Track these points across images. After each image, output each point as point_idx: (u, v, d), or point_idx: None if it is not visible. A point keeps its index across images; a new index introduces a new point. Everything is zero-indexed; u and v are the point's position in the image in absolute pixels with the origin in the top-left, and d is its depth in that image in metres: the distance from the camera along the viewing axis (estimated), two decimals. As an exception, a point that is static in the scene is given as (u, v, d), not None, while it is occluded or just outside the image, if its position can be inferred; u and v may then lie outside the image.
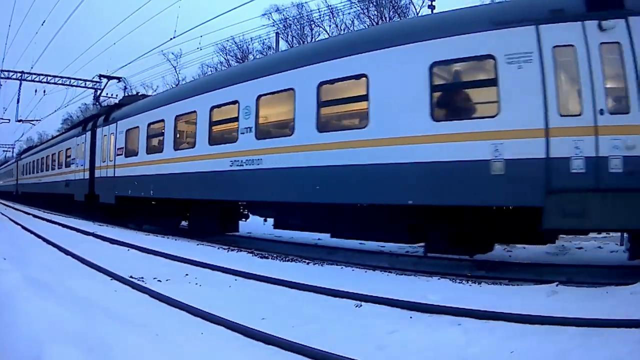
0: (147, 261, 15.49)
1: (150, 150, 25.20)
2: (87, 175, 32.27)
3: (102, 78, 45.97)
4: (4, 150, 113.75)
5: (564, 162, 11.55)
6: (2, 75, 53.93)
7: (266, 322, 8.39)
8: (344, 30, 60.90)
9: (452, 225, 14.17)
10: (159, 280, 12.17)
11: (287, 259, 16.59)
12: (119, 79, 51.18)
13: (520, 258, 17.32)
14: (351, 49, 15.74)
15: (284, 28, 61.42)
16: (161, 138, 24.29)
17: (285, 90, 17.42)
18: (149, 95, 33.38)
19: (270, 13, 60.85)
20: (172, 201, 23.63)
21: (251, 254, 17.43)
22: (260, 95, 18.36)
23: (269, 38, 58.49)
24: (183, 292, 10.47)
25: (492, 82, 12.70)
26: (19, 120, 57.49)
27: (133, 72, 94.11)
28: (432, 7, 46.38)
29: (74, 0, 39.36)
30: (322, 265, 15.25)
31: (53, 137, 55.76)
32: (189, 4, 44.55)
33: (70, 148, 37.60)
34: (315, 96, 16.30)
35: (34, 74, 54.05)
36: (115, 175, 28.18)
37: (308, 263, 15.62)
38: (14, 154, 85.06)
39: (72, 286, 10.21)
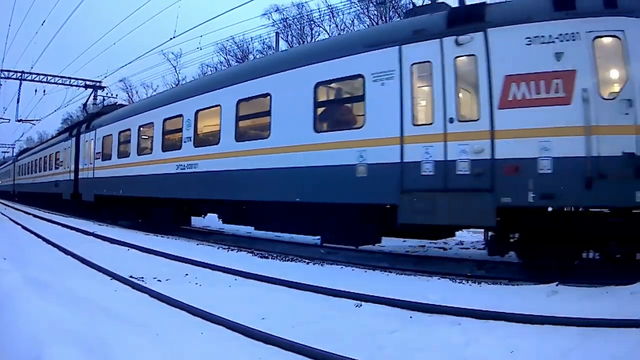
0: (147, 261, 15.47)
1: (120, 155, 28.81)
2: (72, 176, 35.92)
3: (87, 88, 50.03)
4: (3, 152, 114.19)
5: (415, 165, 13.56)
6: (2, 75, 53.95)
7: (266, 322, 8.40)
8: (344, 30, 61.01)
9: (339, 220, 16.10)
10: (159, 280, 12.17)
11: (287, 258, 16.62)
12: (102, 88, 55.53)
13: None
14: (260, 73, 18.83)
15: (284, 28, 61.42)
16: (128, 144, 27.78)
17: (214, 106, 20.60)
18: (125, 105, 37.77)
19: (270, 13, 60.99)
20: (138, 199, 26.36)
21: (251, 254, 17.46)
22: (198, 110, 21.71)
23: (269, 38, 58.55)
24: (183, 292, 10.47)
25: (361, 98, 15.10)
26: (19, 120, 57.53)
27: (133, 72, 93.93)
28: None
29: (74, 0, 39.40)
30: (322, 265, 15.26)
31: (45, 141, 59.18)
32: (189, 4, 44.61)
33: (59, 152, 41.25)
34: (235, 111, 19.38)
35: (34, 73, 54.08)
36: (95, 176, 31.81)
37: (308, 263, 15.65)
38: (14, 154, 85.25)
39: (72, 286, 10.22)
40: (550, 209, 12.75)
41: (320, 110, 16.58)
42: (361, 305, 9.51)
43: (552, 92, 12.04)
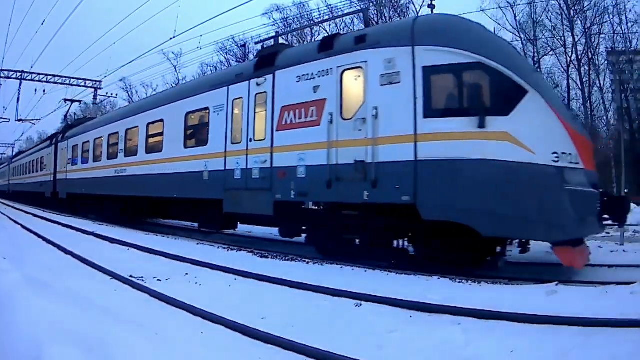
0: (147, 260, 15.48)
1: (82, 161, 36.03)
2: (52, 177, 43.07)
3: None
4: (1, 154, 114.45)
5: (231, 172, 19.43)
6: (2, 75, 53.89)
7: (266, 321, 8.41)
8: (344, 30, 60.93)
9: (205, 211, 22.17)
10: (158, 280, 12.15)
11: (287, 258, 16.59)
12: (79, 101, 59.64)
13: (520, 257, 17.30)
14: (158, 104, 26.07)
15: (284, 27, 61.36)
16: (87, 153, 34.92)
17: (135, 127, 27.62)
18: (94, 118, 42.37)
19: (271, 12, 60.91)
20: (95, 196, 33.26)
21: (251, 254, 17.41)
22: (127, 129, 28.69)
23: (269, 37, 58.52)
24: (183, 291, 10.49)
25: (207, 124, 21.20)
26: (19, 120, 57.48)
27: (133, 72, 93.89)
28: (432, 6, 46.33)
29: (74, 0, 39.44)
30: (322, 264, 15.22)
31: (33, 147, 66.76)
32: (189, 4, 44.62)
33: (43, 157, 48.39)
34: (145, 131, 26.36)
35: (34, 73, 54.05)
36: (67, 178, 38.85)
37: (308, 262, 15.58)
38: (13, 153, 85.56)
39: (72, 286, 10.23)
40: (310, 204, 18.10)
41: (188, 132, 22.93)
42: (361, 304, 9.45)
43: (309, 117, 16.49)
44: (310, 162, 16.14)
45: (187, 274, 13.05)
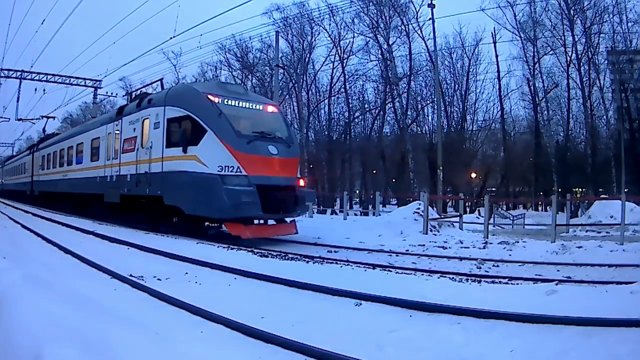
0: (147, 260, 15.51)
1: (43, 167, 48.48)
2: (30, 179, 54.23)
3: (42, 117, 58.92)
4: None
5: (107, 177, 28.87)
6: (2, 74, 54.02)
7: (266, 320, 8.41)
8: (344, 29, 61.23)
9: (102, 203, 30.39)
10: (158, 279, 12.20)
11: (287, 257, 16.64)
12: (54, 117, 64.37)
13: (520, 257, 17.33)
14: (81, 131, 37.22)
15: (284, 27, 61.33)
16: (49, 161, 46.17)
17: (70, 146, 38.72)
18: (60, 133, 53.93)
19: (271, 11, 60.83)
20: (54, 193, 43.75)
21: (251, 253, 17.47)
22: (67, 147, 39.70)
23: (269, 36, 58.36)
24: (183, 290, 10.48)
25: (99, 147, 30.71)
26: (19, 119, 57.49)
27: (133, 71, 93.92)
28: (431, 5, 46.29)
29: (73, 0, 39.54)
30: (322, 263, 15.25)
31: (20, 153, 78.98)
32: (189, 3, 44.65)
33: (25, 162, 59.09)
34: (75, 149, 37.14)
35: (34, 72, 54.27)
36: (39, 180, 49.91)
37: (308, 262, 15.63)
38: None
39: (72, 285, 10.17)
40: None
41: (92, 151, 32.95)
42: (361, 304, 9.46)
43: (131, 146, 26.54)
44: (132, 172, 25.98)
45: (186, 273, 13.08)
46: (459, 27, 58.12)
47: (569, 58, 53.98)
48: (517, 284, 12.22)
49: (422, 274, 13.61)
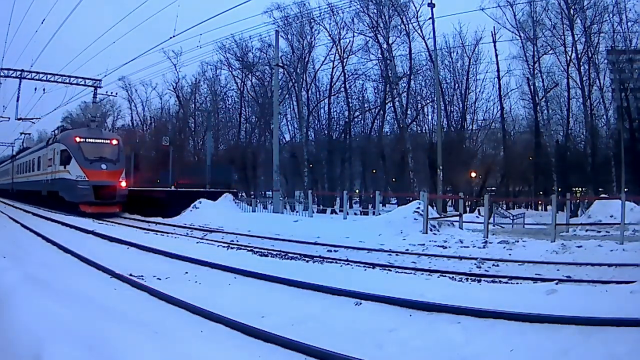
0: (147, 259, 15.46)
1: (18, 172, 61.82)
2: (11, 180, 67.77)
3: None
4: None
5: (44, 180, 46.33)
6: (2, 74, 53.89)
7: (266, 319, 8.43)
8: (344, 29, 61.28)
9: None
10: (158, 279, 12.19)
11: (287, 256, 16.73)
12: (29, 133, 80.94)
13: (520, 256, 17.35)
14: (33, 150, 54.99)
15: (284, 26, 61.21)
16: (19, 169, 60.62)
17: (26, 161, 56.67)
18: (29, 147, 66.43)
19: (271, 10, 60.60)
20: (23, 190, 57.64)
21: (251, 252, 17.53)
22: (24, 162, 57.48)
23: (269, 36, 58.16)
24: (182, 290, 10.50)
25: (40, 162, 48.81)
26: (19, 119, 57.49)
27: (133, 70, 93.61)
28: (432, 5, 46.24)
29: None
30: (322, 263, 15.33)
31: (4, 160, 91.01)
32: (188, 3, 44.64)
33: (9, 168, 72.55)
34: (30, 161, 54.22)
35: (34, 72, 54.01)
36: (15, 181, 64.23)
37: (308, 261, 15.70)
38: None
39: (72, 284, 10.26)
40: None
41: (38, 164, 48.35)
42: (361, 303, 9.45)
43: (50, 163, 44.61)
44: (49, 178, 42.46)
45: (186, 272, 13.06)
46: (459, 27, 57.71)
47: (568, 57, 53.77)
48: (517, 283, 12.29)
49: (422, 274, 13.69)
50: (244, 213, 39.63)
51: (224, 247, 19.10)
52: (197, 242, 20.43)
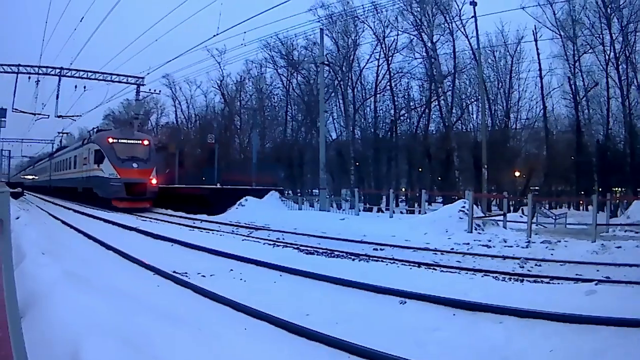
0: (192, 256, 15.54)
1: (56, 169, 65.64)
2: (49, 177, 71.99)
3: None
4: (30, 157, 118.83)
5: (80, 178, 50.49)
6: (40, 72, 54.41)
7: (310, 318, 8.44)
8: (387, 27, 61.04)
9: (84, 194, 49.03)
10: (202, 276, 12.24)
11: (333, 255, 16.72)
12: (68, 133, 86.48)
13: (562, 256, 17.25)
14: (70, 149, 59.63)
15: (329, 24, 60.82)
16: (57, 166, 64.68)
17: (62, 159, 62.92)
18: (67, 146, 70.64)
19: (315, 9, 60.27)
20: (62, 187, 60.76)
21: (297, 250, 17.64)
22: (61, 160, 64.17)
23: (314, 34, 58.12)
24: (227, 287, 10.54)
25: (76, 161, 53.25)
26: (59, 116, 57.89)
27: (177, 68, 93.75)
28: (473, 3, 46.11)
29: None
30: (367, 261, 15.34)
31: (40, 160, 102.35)
32: (231, 1, 44.64)
33: (46, 166, 79.34)
34: (66, 160, 59.58)
35: (74, 69, 54.52)
36: (53, 178, 68.76)
37: (354, 259, 15.76)
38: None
39: (113, 281, 10.36)
40: None
41: (76, 162, 52.95)
42: (405, 302, 9.46)
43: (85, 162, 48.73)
44: (84, 175, 47.53)
45: (231, 270, 13.06)
46: (501, 25, 57.16)
47: (607, 56, 53.16)
48: (558, 283, 12.23)
49: (467, 273, 13.66)
50: (290, 211, 39.28)
51: (270, 244, 19.19)
52: (243, 240, 20.54)
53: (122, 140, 45.25)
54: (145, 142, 46.96)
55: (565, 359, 6.71)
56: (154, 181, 45.25)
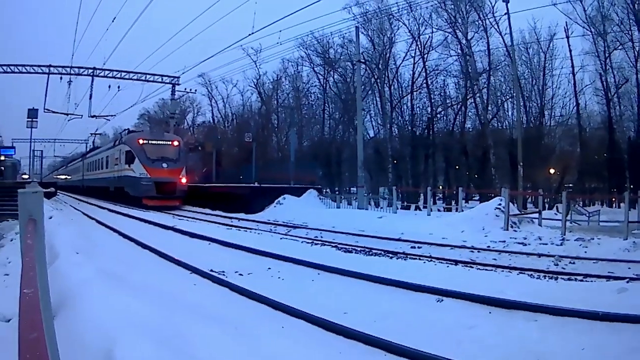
0: (229, 255, 15.52)
1: (89, 169, 67.41)
2: (82, 177, 73.79)
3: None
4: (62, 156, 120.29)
5: (111, 177, 51.58)
6: (73, 72, 54.74)
7: (348, 316, 8.44)
8: (422, 25, 60.87)
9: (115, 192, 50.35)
10: (240, 274, 12.25)
11: (370, 253, 16.67)
12: (101, 134, 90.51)
13: (595, 254, 17.19)
14: (102, 150, 61.48)
15: (364, 22, 60.66)
16: (90, 167, 66.45)
17: (95, 159, 63.68)
18: (99, 147, 72.91)
19: (350, 7, 60.03)
20: (94, 187, 61.86)
21: (335, 248, 17.60)
22: (94, 160, 64.49)
23: (349, 32, 57.80)
24: (265, 285, 10.53)
25: (108, 161, 54.23)
26: (93, 116, 58.26)
27: (212, 67, 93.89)
28: (506, 0, 45.95)
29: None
30: (405, 259, 15.35)
31: (72, 160, 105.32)
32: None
33: (79, 166, 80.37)
34: (98, 160, 60.22)
35: (107, 69, 54.83)
36: (85, 178, 70.25)
37: (391, 257, 15.76)
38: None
39: (149, 279, 10.47)
40: None
41: (107, 162, 53.87)
42: (442, 300, 9.46)
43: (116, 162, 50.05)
44: (116, 175, 48.90)
45: (269, 268, 13.10)
46: (533, 22, 56.84)
47: (636, 53, 52.82)
48: (591, 281, 12.22)
49: (503, 270, 13.63)
50: (328, 209, 38.97)
51: (308, 243, 19.16)
52: (281, 238, 20.54)
53: (152, 142, 46.84)
54: (175, 143, 48.43)
55: (596, 357, 6.66)
56: (183, 180, 46.53)
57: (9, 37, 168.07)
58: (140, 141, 46.02)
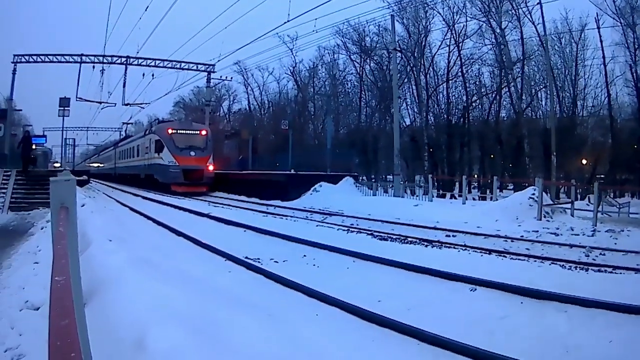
0: (264, 242, 15.57)
1: (120, 158, 69.42)
2: (114, 165, 74.74)
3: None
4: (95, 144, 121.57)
5: (142, 165, 53.68)
6: (106, 60, 54.89)
7: (382, 304, 8.48)
8: (457, 14, 60.60)
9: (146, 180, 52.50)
10: (275, 262, 12.35)
11: (406, 241, 16.63)
12: (133, 123, 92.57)
13: (625, 246, 17.08)
14: (134, 139, 63.13)
15: (399, 10, 60.52)
16: (122, 155, 68.41)
17: (127, 148, 66.22)
18: (130, 135, 75.24)
19: (386, -6, 59.91)
20: (126, 174, 64.02)
21: (370, 236, 17.49)
22: (126, 149, 65.80)
23: (385, 20, 57.45)
24: (300, 273, 10.58)
25: (139, 150, 56.70)
26: (126, 104, 58.45)
27: (248, 55, 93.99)
28: (538, -4, 45.81)
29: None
30: (440, 248, 15.28)
31: (105, 148, 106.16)
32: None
33: (111, 155, 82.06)
34: (130, 149, 62.95)
35: (140, 58, 54.76)
36: (117, 166, 71.46)
37: (426, 246, 15.64)
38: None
39: (183, 266, 10.54)
40: None
41: (138, 151, 56.41)
42: (476, 289, 9.47)
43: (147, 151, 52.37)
44: (146, 163, 51.20)
45: (304, 255, 13.16)
46: (565, 12, 56.65)
47: (663, 44, 52.49)
48: (621, 273, 12.14)
49: (535, 261, 13.55)
50: (364, 197, 38.35)
51: (343, 230, 19.11)
52: (317, 225, 20.52)
53: (181, 131, 49.03)
54: (203, 133, 50.39)
55: (623, 350, 6.69)
56: (210, 168, 48.78)
57: (41, 27, 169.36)
58: (170, 131, 48.52)
